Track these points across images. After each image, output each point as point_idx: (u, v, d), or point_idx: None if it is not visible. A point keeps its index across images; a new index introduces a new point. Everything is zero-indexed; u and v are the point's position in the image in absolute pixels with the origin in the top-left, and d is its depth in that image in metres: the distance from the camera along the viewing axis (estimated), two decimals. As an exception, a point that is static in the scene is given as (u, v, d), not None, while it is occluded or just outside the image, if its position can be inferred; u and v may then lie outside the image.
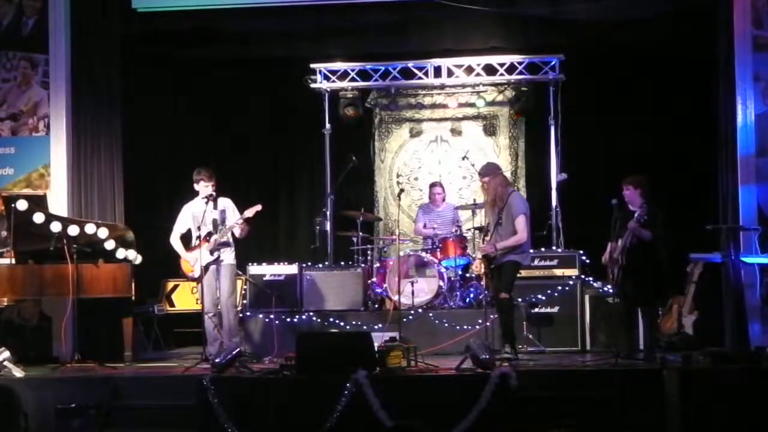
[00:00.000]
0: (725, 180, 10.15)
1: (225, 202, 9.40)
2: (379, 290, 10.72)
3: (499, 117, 12.63)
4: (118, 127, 10.95)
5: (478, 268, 9.34)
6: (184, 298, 11.41)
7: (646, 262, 8.58)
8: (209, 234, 9.23)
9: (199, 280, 9.26)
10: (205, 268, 9.21)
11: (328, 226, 11.60)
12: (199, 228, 9.18)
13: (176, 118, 12.11)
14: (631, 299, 8.81)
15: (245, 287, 10.52)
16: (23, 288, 9.41)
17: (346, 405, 7.54)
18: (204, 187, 9.28)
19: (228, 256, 9.34)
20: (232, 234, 9.33)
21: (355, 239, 11.18)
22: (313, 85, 11.92)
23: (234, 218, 9.28)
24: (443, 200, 11.46)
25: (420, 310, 10.25)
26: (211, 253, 9.22)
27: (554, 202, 11.25)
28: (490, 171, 9.16)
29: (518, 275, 9.14)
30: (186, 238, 9.42)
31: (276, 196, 12.50)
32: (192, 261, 9.24)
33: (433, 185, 11.58)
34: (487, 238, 9.10)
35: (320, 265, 11.03)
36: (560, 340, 9.88)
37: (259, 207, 9.18)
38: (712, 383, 7.58)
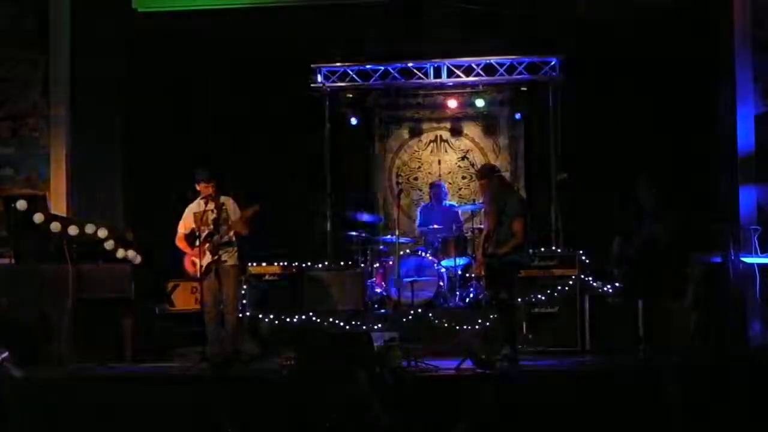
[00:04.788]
0: (725, 180, 10.15)
1: (226, 202, 9.38)
2: (379, 290, 10.72)
3: (499, 117, 12.64)
4: (118, 127, 10.95)
5: (477, 270, 9.33)
6: (184, 298, 11.38)
7: (658, 262, 8.60)
8: (210, 234, 9.22)
9: (201, 280, 9.23)
10: (207, 269, 9.20)
11: (328, 226, 11.60)
12: (199, 228, 9.17)
13: (176, 117, 12.09)
14: (637, 297, 8.83)
15: (245, 287, 10.50)
16: (23, 288, 9.40)
17: (346, 405, 7.54)
18: (204, 188, 9.27)
19: (231, 257, 9.30)
20: (236, 233, 9.29)
21: (355, 239, 11.19)
22: (313, 85, 11.92)
23: (235, 217, 9.25)
24: (444, 199, 11.47)
25: (420, 310, 10.25)
26: (213, 253, 9.21)
27: (554, 202, 11.26)
28: (487, 173, 9.15)
29: (518, 275, 9.14)
30: (190, 239, 9.38)
31: (276, 196, 12.47)
32: (198, 260, 9.19)
33: (434, 184, 11.58)
34: (490, 241, 9.10)
35: (320, 265, 11.04)
36: (560, 340, 9.87)
37: (256, 207, 9.16)
38: (712, 383, 7.59)
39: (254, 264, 10.53)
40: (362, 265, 10.99)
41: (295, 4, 10.85)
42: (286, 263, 10.70)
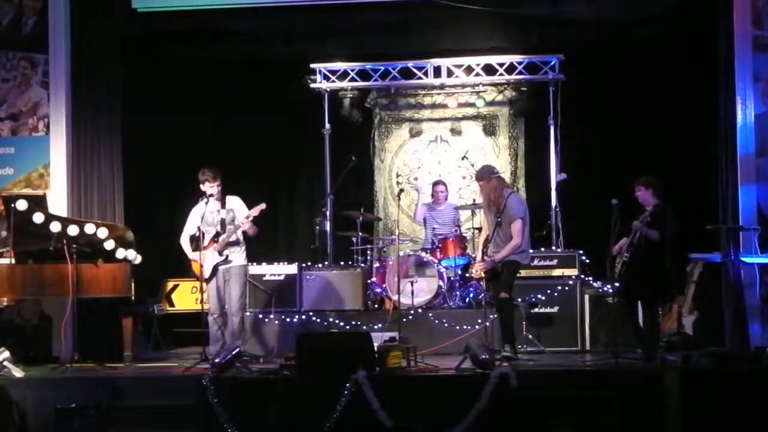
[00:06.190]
0: (725, 180, 10.15)
1: (233, 201, 9.33)
2: (379, 290, 10.72)
3: (498, 117, 12.63)
4: (117, 127, 10.96)
5: (477, 272, 9.33)
6: (184, 298, 11.41)
7: (651, 260, 8.60)
8: (217, 234, 9.19)
9: (208, 281, 9.19)
10: (214, 270, 9.17)
11: (328, 226, 11.60)
12: (199, 228, 9.15)
13: (176, 117, 12.09)
14: (632, 296, 8.83)
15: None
16: (23, 288, 9.39)
17: (346, 405, 7.54)
18: (209, 188, 9.22)
19: (238, 257, 9.24)
20: (244, 233, 9.26)
21: (355, 239, 11.19)
22: (313, 85, 11.93)
23: (242, 217, 9.21)
24: (446, 199, 11.47)
25: (420, 310, 10.25)
26: (220, 253, 9.16)
27: (554, 202, 11.26)
28: (485, 175, 9.12)
29: (518, 275, 9.14)
30: (196, 240, 9.33)
31: (276, 196, 12.47)
32: (200, 262, 9.14)
33: (436, 183, 11.58)
34: (490, 243, 9.09)
35: (320, 265, 11.04)
36: (560, 340, 9.87)
37: (263, 206, 9.11)
38: (712, 383, 7.59)
39: (254, 264, 10.51)
40: (362, 265, 10.99)
41: (296, 4, 10.84)
42: (286, 263, 10.70)
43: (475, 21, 11.02)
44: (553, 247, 10.87)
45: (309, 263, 10.98)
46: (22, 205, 9.38)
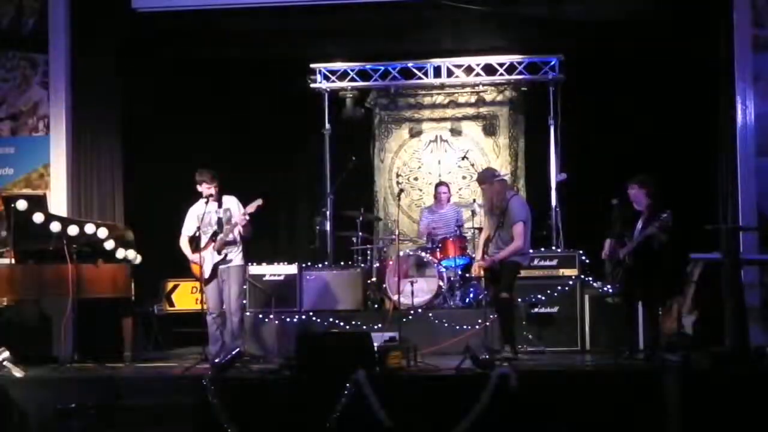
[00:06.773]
0: (725, 180, 10.15)
1: (230, 201, 9.33)
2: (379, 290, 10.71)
3: (499, 117, 12.63)
4: (118, 127, 10.96)
5: (477, 271, 9.34)
6: (184, 298, 11.41)
7: (651, 261, 8.60)
8: (215, 234, 9.18)
9: (208, 281, 9.19)
10: (215, 269, 9.16)
11: (328, 226, 11.60)
12: (198, 228, 9.15)
13: (176, 117, 12.09)
14: (632, 297, 8.83)
15: (245, 287, 10.47)
16: (23, 288, 9.40)
17: (346, 405, 7.54)
18: (207, 189, 9.22)
19: (236, 256, 9.24)
20: (241, 231, 9.25)
21: (355, 239, 11.19)
22: (313, 85, 11.93)
23: (239, 215, 9.20)
24: (448, 200, 11.47)
25: (420, 310, 10.24)
26: (219, 252, 9.16)
27: (554, 202, 11.27)
28: (488, 177, 9.13)
29: (518, 275, 9.14)
30: (194, 241, 9.33)
31: (276, 196, 12.47)
32: (200, 263, 9.14)
33: (439, 185, 11.58)
34: (490, 244, 9.10)
35: (320, 265, 11.04)
36: (560, 340, 9.87)
37: (259, 201, 9.09)
38: (712, 383, 7.58)
39: (254, 264, 10.51)
40: (362, 265, 10.99)
41: (296, 4, 10.84)
42: (286, 263, 10.70)
43: (475, 21, 11.03)
44: (553, 247, 10.87)
45: (309, 263, 10.98)
46: (22, 205, 9.38)
